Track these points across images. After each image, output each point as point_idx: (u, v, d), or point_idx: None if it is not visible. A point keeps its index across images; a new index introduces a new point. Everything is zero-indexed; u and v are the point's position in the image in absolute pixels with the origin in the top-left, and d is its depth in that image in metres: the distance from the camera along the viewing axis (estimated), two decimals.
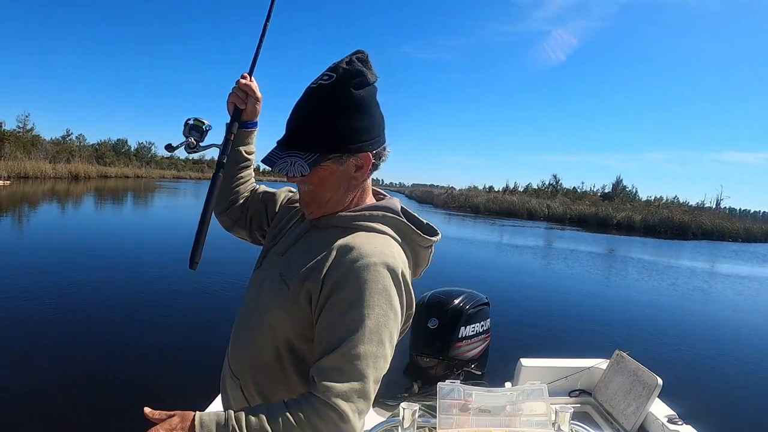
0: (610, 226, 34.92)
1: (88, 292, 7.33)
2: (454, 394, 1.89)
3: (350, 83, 1.11)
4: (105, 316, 6.29)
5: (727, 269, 18.43)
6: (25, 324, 5.74)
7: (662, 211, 38.80)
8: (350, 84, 1.11)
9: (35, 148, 43.88)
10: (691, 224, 34.76)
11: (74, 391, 4.28)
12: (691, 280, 14.24)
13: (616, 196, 51.69)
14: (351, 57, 1.14)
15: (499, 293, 8.57)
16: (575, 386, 3.04)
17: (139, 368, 4.83)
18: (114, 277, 8.52)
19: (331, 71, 1.12)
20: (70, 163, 45.38)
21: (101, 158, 58.15)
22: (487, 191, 56.83)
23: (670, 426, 2.51)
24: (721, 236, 33.86)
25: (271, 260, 1.30)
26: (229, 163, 1.40)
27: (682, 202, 49.21)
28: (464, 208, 43.02)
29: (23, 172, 36.48)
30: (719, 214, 41.30)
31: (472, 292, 2.97)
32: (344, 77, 1.11)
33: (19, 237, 13.11)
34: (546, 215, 39.07)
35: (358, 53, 1.15)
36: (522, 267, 14.33)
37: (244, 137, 1.48)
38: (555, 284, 11.82)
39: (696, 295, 12.29)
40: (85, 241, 12.33)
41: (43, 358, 4.84)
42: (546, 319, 7.98)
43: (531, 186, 59.11)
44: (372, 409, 2.75)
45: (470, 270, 12.56)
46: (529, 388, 2.02)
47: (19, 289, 7.15)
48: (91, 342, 5.38)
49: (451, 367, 2.81)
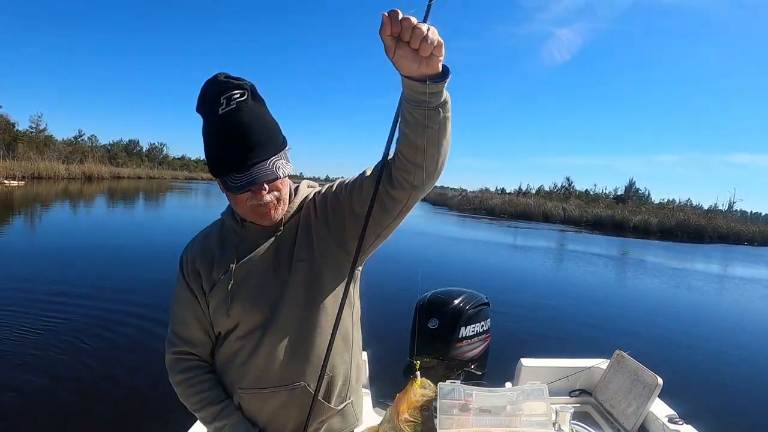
0: (626, 229, 34.58)
1: (107, 292, 7.35)
2: (454, 394, 1.91)
3: (257, 93, 1.25)
4: (112, 317, 6.33)
5: (734, 272, 18.15)
6: (35, 323, 5.79)
7: (677, 214, 38.37)
8: (258, 94, 1.25)
9: (48, 148, 44.37)
10: (707, 227, 34.36)
11: (89, 390, 4.35)
12: (694, 282, 14.07)
13: (629, 198, 51.23)
14: (227, 76, 1.23)
15: (499, 293, 8.52)
16: (575, 386, 3.04)
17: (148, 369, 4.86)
18: (135, 276, 8.60)
19: (236, 89, 1.20)
20: (83, 164, 45.81)
21: (113, 159, 58.73)
22: (500, 193, 56.54)
23: (670, 426, 2.50)
24: (737, 239, 33.48)
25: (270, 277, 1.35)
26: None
27: (695, 205, 48.69)
28: (479, 210, 42.76)
29: (37, 172, 36.91)
30: (733, 217, 40.80)
31: (472, 293, 2.98)
32: (252, 90, 1.23)
33: (36, 236, 13.25)
34: (562, 218, 38.64)
35: (222, 74, 1.24)
36: (523, 267, 14.24)
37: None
38: (555, 284, 11.74)
39: (697, 295, 12.14)
40: (103, 241, 12.44)
41: (46, 359, 4.88)
42: (546, 319, 7.93)
43: (543, 188, 58.71)
44: (372, 409, 2.77)
45: (470, 270, 12.51)
46: (529, 388, 2.03)
47: (35, 288, 7.22)
48: (96, 342, 5.42)
49: (451, 367, 2.83)
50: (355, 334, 1.45)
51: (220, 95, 1.19)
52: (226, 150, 1.21)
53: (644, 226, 35.24)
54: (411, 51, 0.96)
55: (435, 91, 1.04)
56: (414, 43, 0.94)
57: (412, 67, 0.99)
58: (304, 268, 1.33)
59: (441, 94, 1.06)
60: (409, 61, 0.98)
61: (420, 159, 1.16)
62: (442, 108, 1.08)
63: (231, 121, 1.19)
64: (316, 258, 1.33)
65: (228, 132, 1.19)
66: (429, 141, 1.12)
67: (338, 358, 1.38)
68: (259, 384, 1.34)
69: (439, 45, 0.96)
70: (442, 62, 1.01)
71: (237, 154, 1.20)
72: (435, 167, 1.18)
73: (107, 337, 5.55)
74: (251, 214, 1.31)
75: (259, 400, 1.35)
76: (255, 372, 1.33)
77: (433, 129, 1.10)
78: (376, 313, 6.32)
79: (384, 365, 3.20)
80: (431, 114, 1.08)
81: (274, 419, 1.36)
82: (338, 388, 1.40)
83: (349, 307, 1.42)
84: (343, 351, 1.39)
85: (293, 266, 1.33)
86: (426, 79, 1.02)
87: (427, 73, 1.00)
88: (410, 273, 10.85)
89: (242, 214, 1.34)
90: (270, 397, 1.34)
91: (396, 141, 1.19)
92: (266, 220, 1.32)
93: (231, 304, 1.32)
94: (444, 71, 1.03)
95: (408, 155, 1.17)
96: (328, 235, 1.35)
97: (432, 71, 1.00)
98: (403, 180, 1.21)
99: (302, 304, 1.32)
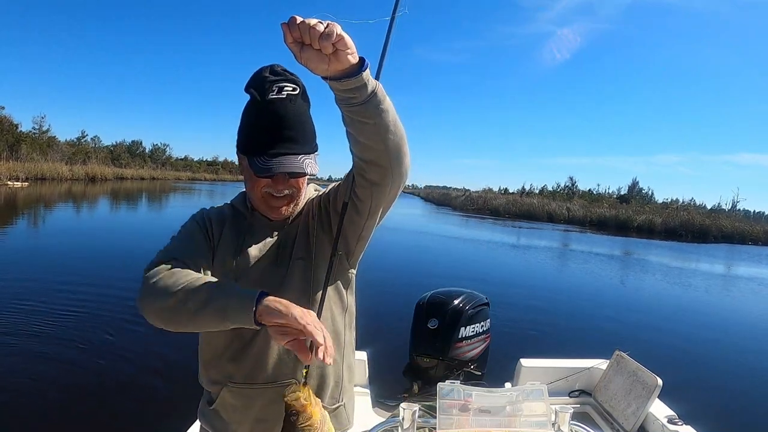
0: (631, 229, 34.50)
1: (112, 292, 7.39)
2: (454, 394, 1.90)
3: (306, 94, 1.30)
4: (114, 317, 6.36)
5: (738, 271, 18.10)
6: (35, 323, 5.81)
7: (681, 213, 38.25)
8: (307, 95, 1.30)
9: (51, 149, 44.41)
10: (711, 227, 34.26)
11: (91, 389, 4.37)
12: (695, 281, 14.03)
13: (632, 198, 51.14)
14: (285, 69, 1.27)
15: (499, 293, 8.51)
16: (575, 386, 3.04)
17: (148, 369, 4.88)
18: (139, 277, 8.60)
19: (290, 83, 1.24)
20: (86, 165, 45.91)
21: (116, 160, 58.80)
22: (503, 193, 56.51)
23: (670, 426, 2.50)
24: (741, 239, 33.37)
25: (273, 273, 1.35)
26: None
27: (698, 204, 48.54)
28: (483, 210, 42.69)
29: (40, 173, 36.96)
30: (737, 217, 40.69)
31: (472, 293, 2.98)
32: (303, 89, 1.27)
33: (40, 237, 13.34)
34: (566, 218, 38.56)
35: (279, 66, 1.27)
36: (523, 267, 14.22)
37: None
38: (556, 284, 11.73)
39: (698, 295, 12.11)
40: (105, 242, 12.54)
41: (48, 359, 4.90)
42: (546, 319, 7.92)
43: (546, 188, 58.61)
44: (372, 409, 2.78)
45: (471, 270, 12.52)
46: (528, 388, 2.03)
47: (38, 289, 7.27)
48: (98, 342, 5.45)
49: (451, 368, 2.83)
50: (347, 336, 1.46)
51: (274, 83, 1.23)
52: (263, 133, 1.24)
53: (648, 226, 35.12)
54: (315, 52, 0.97)
55: (354, 86, 1.05)
56: (314, 43, 0.95)
57: (322, 66, 1.00)
58: (301, 266, 1.36)
59: (364, 88, 1.06)
60: (317, 61, 0.99)
61: (368, 155, 1.19)
62: (371, 100, 1.08)
63: (276, 108, 1.23)
64: (313, 258, 1.37)
65: (270, 117, 1.23)
66: (370, 136, 1.14)
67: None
68: (250, 379, 1.33)
69: (341, 39, 0.96)
70: (355, 55, 1.02)
71: (271, 140, 1.23)
72: (388, 161, 1.20)
73: (107, 337, 5.58)
74: (263, 203, 1.33)
75: (250, 395, 1.35)
76: (247, 367, 1.33)
77: (369, 123, 1.12)
78: (375, 312, 6.36)
79: (384, 365, 3.22)
80: (360, 109, 1.09)
81: (264, 416, 1.35)
82: (330, 389, 1.41)
83: (341, 308, 1.43)
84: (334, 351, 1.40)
85: (291, 263, 1.35)
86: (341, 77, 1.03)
87: (339, 69, 1.01)
88: (410, 273, 10.88)
89: (254, 200, 1.36)
90: (260, 394, 1.34)
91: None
92: (275, 213, 1.35)
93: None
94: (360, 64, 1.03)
95: (357, 153, 1.21)
96: (323, 236, 1.39)
97: (343, 66, 1.00)
98: (360, 178, 1.25)
99: (298, 301, 1.32)
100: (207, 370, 1.40)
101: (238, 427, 1.37)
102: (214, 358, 1.38)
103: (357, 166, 1.24)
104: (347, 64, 1.01)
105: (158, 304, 1.13)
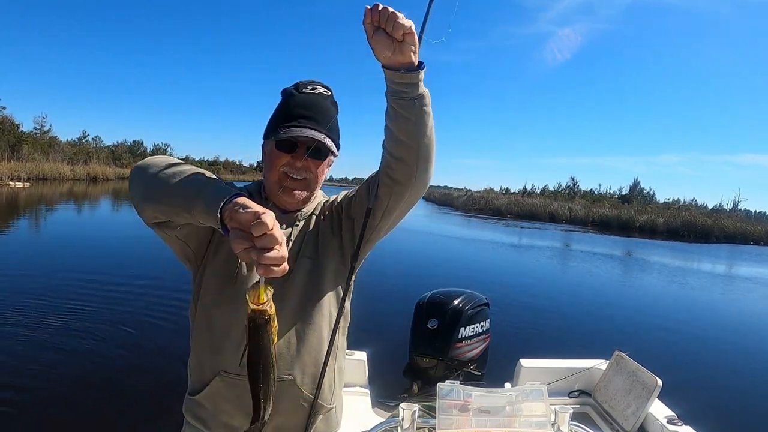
0: (633, 229, 34.44)
1: (112, 292, 7.38)
2: (453, 394, 1.91)
3: (336, 102, 1.44)
4: (115, 317, 6.36)
5: (739, 272, 18.05)
6: (36, 324, 5.82)
7: (683, 214, 38.21)
8: (336, 102, 1.44)
9: (52, 149, 44.36)
10: (713, 227, 34.21)
11: (94, 388, 4.38)
12: (696, 282, 14.02)
13: (633, 198, 51.12)
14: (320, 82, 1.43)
15: (498, 294, 8.50)
16: (575, 387, 3.04)
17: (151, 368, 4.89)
18: (142, 276, 8.60)
19: (323, 87, 1.41)
20: (87, 165, 45.89)
21: (117, 160, 58.68)
22: (504, 193, 56.44)
23: (669, 427, 2.50)
24: (744, 239, 33.33)
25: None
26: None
27: (699, 204, 48.51)
28: (485, 210, 42.63)
29: (42, 173, 36.93)
30: (739, 217, 40.63)
31: (471, 293, 2.99)
32: (333, 96, 1.43)
33: (42, 237, 13.35)
34: (568, 218, 38.49)
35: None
36: (523, 267, 14.21)
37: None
38: (556, 284, 11.72)
39: (698, 295, 12.10)
40: (107, 242, 12.57)
41: (49, 359, 4.89)
42: (546, 319, 7.93)
43: (548, 188, 58.57)
44: (372, 409, 2.78)
45: (472, 270, 12.51)
46: (528, 388, 2.03)
47: (41, 289, 7.26)
48: (97, 342, 5.44)
49: (450, 368, 2.84)
50: (341, 340, 1.47)
51: (309, 84, 1.39)
52: (293, 110, 1.35)
53: (650, 226, 35.08)
54: (386, 36, 1.08)
55: (409, 81, 1.15)
56: (388, 26, 1.06)
57: (386, 53, 1.10)
58: (307, 264, 1.38)
59: (417, 87, 1.16)
60: (384, 46, 1.09)
61: (401, 152, 1.25)
62: (419, 100, 1.18)
63: (308, 99, 1.37)
64: (319, 257, 1.40)
65: (301, 103, 1.36)
66: (408, 133, 1.21)
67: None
68: (244, 370, 1.33)
69: (411, 32, 1.08)
70: (417, 56, 1.13)
71: (298, 115, 1.34)
72: (416, 162, 1.26)
73: (107, 338, 5.58)
74: (278, 185, 1.36)
75: (244, 387, 1.33)
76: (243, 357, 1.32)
77: (411, 120, 1.19)
78: (376, 312, 6.35)
79: (384, 365, 3.22)
80: (407, 104, 1.18)
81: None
82: (324, 393, 1.40)
83: (339, 311, 1.43)
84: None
85: (298, 260, 1.36)
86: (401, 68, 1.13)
87: (400, 61, 1.12)
88: (411, 273, 10.88)
89: (271, 183, 1.38)
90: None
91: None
92: (289, 198, 1.37)
93: (238, 270, 1.33)
94: (419, 66, 1.15)
95: (390, 148, 1.26)
96: (332, 239, 1.43)
97: (404, 59, 1.11)
98: (385, 177, 1.30)
99: (300, 299, 1.35)
100: (200, 358, 1.37)
101: (228, 418, 1.34)
102: (210, 345, 1.35)
103: (386, 163, 1.29)
104: (408, 59, 1.12)
105: (154, 162, 1.17)
